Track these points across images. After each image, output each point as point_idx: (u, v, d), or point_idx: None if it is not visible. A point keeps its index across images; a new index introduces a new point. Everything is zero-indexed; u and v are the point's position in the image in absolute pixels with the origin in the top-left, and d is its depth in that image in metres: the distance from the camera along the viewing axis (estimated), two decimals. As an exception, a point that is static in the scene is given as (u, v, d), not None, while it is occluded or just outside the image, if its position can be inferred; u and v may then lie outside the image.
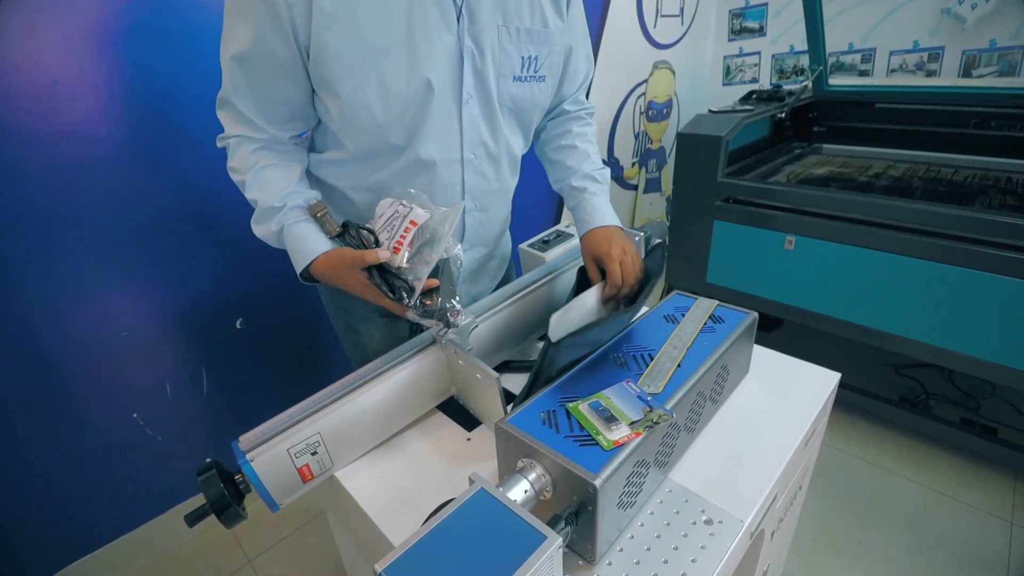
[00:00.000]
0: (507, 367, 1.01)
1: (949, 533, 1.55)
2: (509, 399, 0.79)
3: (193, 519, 0.70)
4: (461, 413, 0.89)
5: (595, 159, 1.05)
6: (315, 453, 0.74)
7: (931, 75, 2.49)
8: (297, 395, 0.76)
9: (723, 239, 1.89)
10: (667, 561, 0.62)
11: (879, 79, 2.59)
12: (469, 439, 0.84)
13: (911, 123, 2.16)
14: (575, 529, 0.59)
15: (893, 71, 2.58)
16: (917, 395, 2.01)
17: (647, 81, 2.77)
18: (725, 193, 1.84)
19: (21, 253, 1.18)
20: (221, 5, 0.75)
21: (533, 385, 0.75)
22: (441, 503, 0.57)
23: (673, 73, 2.90)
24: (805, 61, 2.79)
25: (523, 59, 0.86)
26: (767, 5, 2.83)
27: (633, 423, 0.63)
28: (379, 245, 0.80)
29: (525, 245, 1.20)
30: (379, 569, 0.48)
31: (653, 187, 3.09)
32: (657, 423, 0.63)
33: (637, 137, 2.86)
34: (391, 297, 0.76)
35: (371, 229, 0.82)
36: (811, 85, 2.21)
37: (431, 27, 0.76)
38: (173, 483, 1.55)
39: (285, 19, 0.71)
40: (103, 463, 1.42)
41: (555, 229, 1.25)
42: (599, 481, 0.56)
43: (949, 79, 2.42)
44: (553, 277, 1.04)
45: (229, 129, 0.83)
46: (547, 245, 1.18)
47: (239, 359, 1.59)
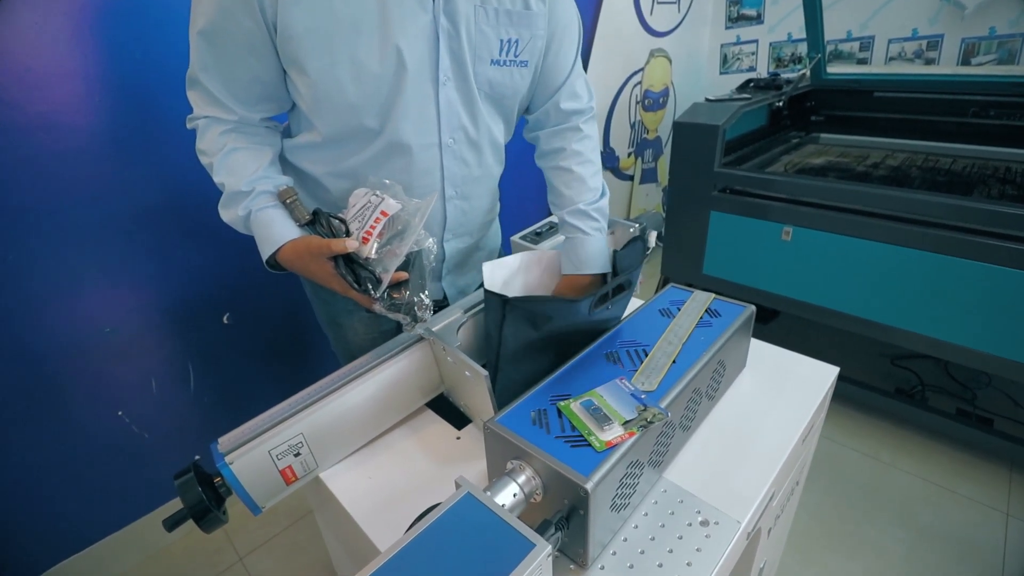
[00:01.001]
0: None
1: (945, 525, 1.55)
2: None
3: (171, 524, 0.67)
4: (450, 411, 0.86)
5: (593, 183, 0.96)
6: (298, 454, 0.71)
7: (930, 63, 2.46)
8: (287, 390, 0.74)
9: (720, 230, 1.86)
10: (662, 565, 0.60)
11: (877, 67, 2.56)
12: (459, 438, 0.82)
13: (909, 112, 2.13)
14: (566, 533, 0.57)
15: (892, 59, 2.55)
16: (913, 386, 2.00)
17: (643, 70, 2.73)
18: (722, 183, 1.81)
19: (-2, 247, 1.15)
20: (201, -15, 0.72)
21: (497, 358, 0.75)
22: (425, 508, 0.55)
23: (670, 61, 2.86)
24: (803, 49, 2.76)
25: (502, 42, 0.83)
26: (765, -8, 2.79)
27: (627, 423, 0.61)
28: (350, 235, 0.77)
29: (517, 237, 1.17)
30: (359, 581, 0.46)
31: (649, 177, 3.06)
32: (652, 423, 0.61)
33: (633, 127, 2.82)
34: (357, 288, 0.74)
35: (343, 218, 0.79)
36: (809, 73, 2.18)
37: (405, 3, 0.73)
38: (161, 481, 1.52)
39: None
40: (89, 462, 1.39)
41: (548, 221, 1.21)
42: (591, 484, 0.54)
43: (948, 67, 2.40)
44: (546, 270, 1.02)
45: (198, 110, 0.80)
46: (540, 237, 1.15)
47: (227, 355, 1.56)
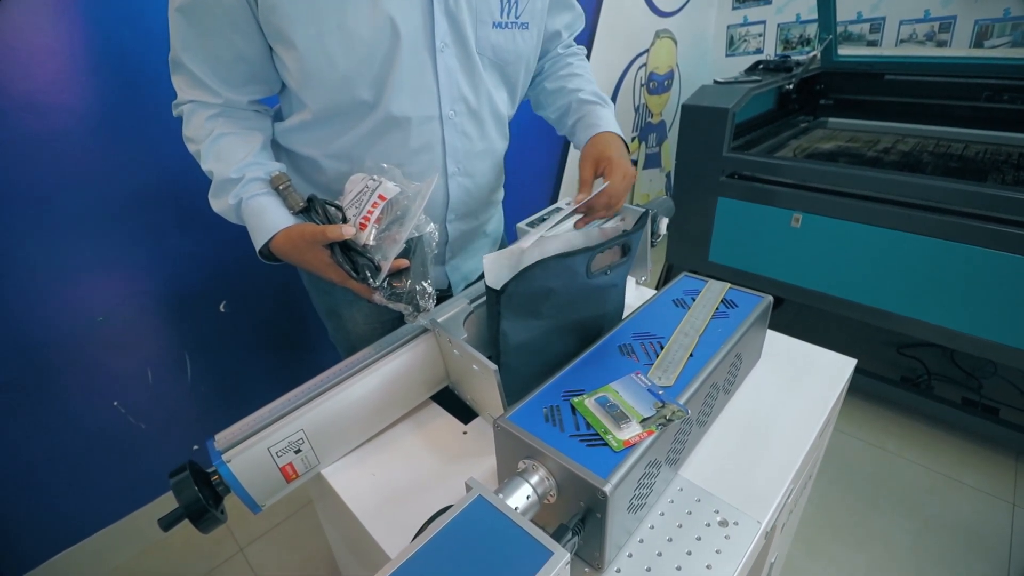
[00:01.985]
0: (505, 354, 0.95)
1: (951, 515, 1.54)
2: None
3: (167, 524, 0.64)
4: (457, 405, 0.83)
5: (591, 78, 1.00)
6: (299, 451, 0.68)
7: (942, 45, 2.40)
8: (285, 379, 0.71)
9: (727, 217, 1.82)
10: (680, 568, 0.58)
11: (888, 49, 2.50)
12: (465, 432, 0.79)
13: (921, 96, 2.09)
14: (582, 536, 0.55)
15: (902, 41, 2.49)
16: (919, 375, 1.98)
17: (648, 51, 2.66)
18: (730, 168, 1.77)
19: (-16, 233, 1.11)
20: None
21: (499, 353, 0.71)
22: (434, 513, 0.52)
23: (675, 43, 2.79)
24: (811, 31, 2.70)
25: (502, 2, 0.78)
26: (773, -29, 2.72)
27: (645, 420, 0.58)
28: (347, 222, 0.73)
29: (523, 224, 1.13)
30: (366, 591, 0.43)
31: (653, 163, 3.01)
32: (671, 420, 0.58)
33: (637, 110, 2.77)
34: (355, 277, 0.70)
35: (339, 205, 0.75)
36: (820, 55, 2.13)
37: None
38: (159, 472, 1.50)
39: None
40: (85, 453, 1.37)
41: (555, 207, 1.17)
42: (609, 487, 0.51)
43: (961, 49, 2.34)
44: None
45: (182, 94, 0.76)
46: (545, 223, 1.11)
47: (224, 343, 1.53)
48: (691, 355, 0.70)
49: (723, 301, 0.82)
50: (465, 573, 0.45)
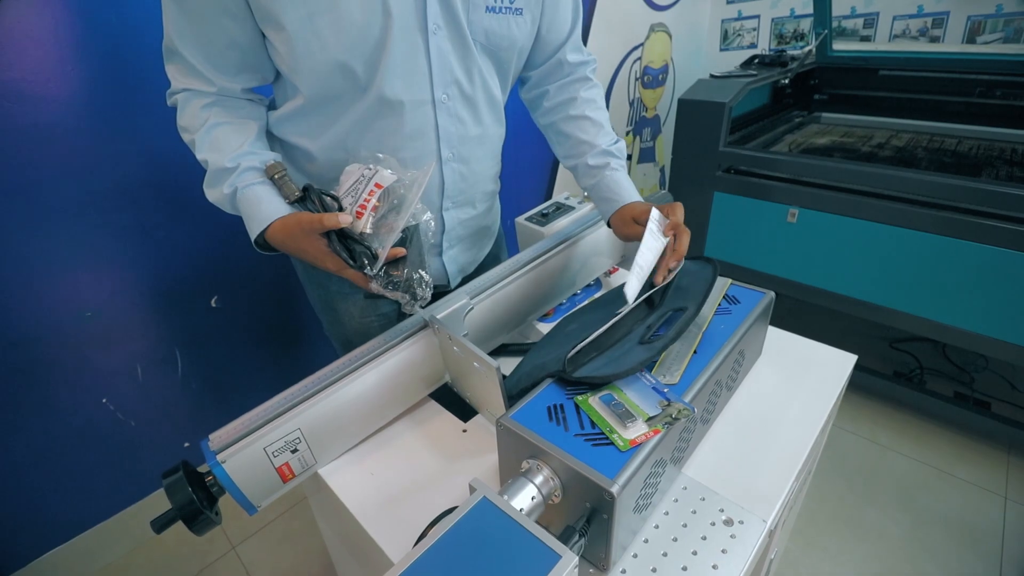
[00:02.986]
0: (504, 350, 0.94)
1: (944, 508, 1.55)
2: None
3: (160, 526, 0.63)
4: (456, 402, 0.82)
5: (609, 130, 0.97)
6: (295, 451, 0.67)
7: (935, 41, 2.41)
8: (278, 375, 0.69)
9: (723, 212, 1.82)
10: (686, 568, 0.57)
11: (883, 44, 2.50)
12: (465, 430, 0.78)
13: (915, 91, 2.09)
14: (587, 536, 0.54)
15: (896, 37, 2.49)
16: (912, 370, 2.00)
17: (643, 45, 2.65)
18: (727, 163, 1.76)
19: (-34, 227, 1.07)
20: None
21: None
22: (438, 515, 0.51)
23: (670, 37, 2.78)
24: (805, 26, 2.69)
25: None
26: (768, -35, 2.71)
27: (650, 419, 0.57)
28: (343, 210, 0.72)
29: (522, 219, 1.11)
30: (369, 598, 0.42)
31: (647, 157, 3.00)
32: (677, 419, 0.57)
33: (632, 104, 2.75)
34: (352, 265, 0.69)
35: (335, 195, 0.74)
36: (815, 50, 2.12)
37: None
38: (150, 469, 1.47)
39: None
40: (74, 450, 1.34)
41: (554, 201, 1.16)
42: (617, 488, 0.50)
43: (954, 45, 2.35)
44: (559, 251, 0.97)
45: (176, 83, 0.75)
46: (546, 219, 1.10)
47: (215, 339, 1.50)
48: (695, 352, 0.69)
49: (725, 297, 0.81)
50: (471, 577, 0.43)
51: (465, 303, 0.80)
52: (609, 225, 0.94)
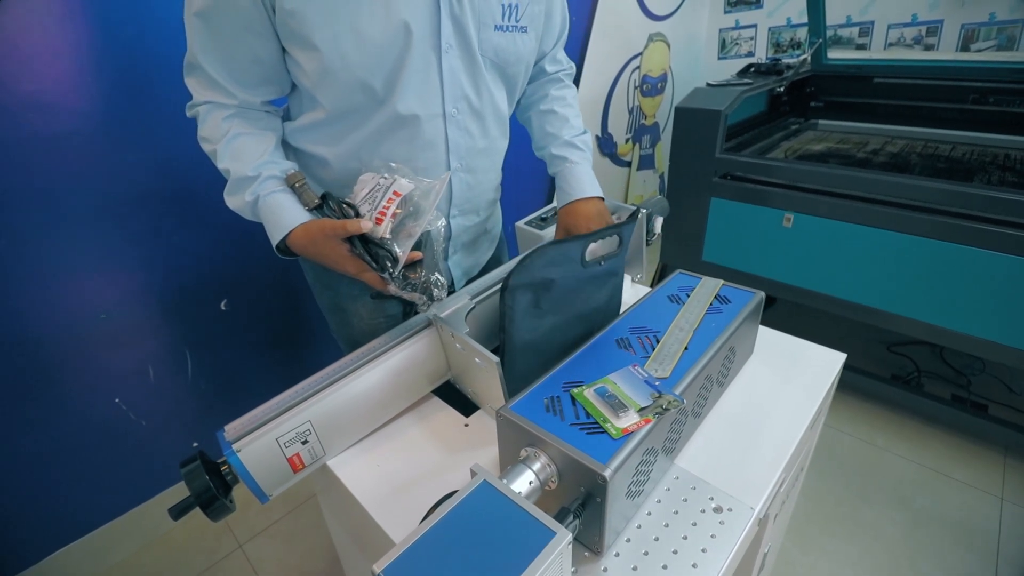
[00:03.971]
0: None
1: (941, 509, 1.57)
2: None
3: (178, 512, 0.66)
4: (458, 398, 0.85)
5: (575, 123, 1.05)
6: (306, 442, 0.70)
7: (929, 49, 2.45)
8: (285, 377, 0.73)
9: (720, 217, 1.85)
10: (677, 551, 0.60)
11: (877, 53, 2.54)
12: (467, 425, 0.81)
13: (909, 98, 2.13)
14: (581, 520, 0.57)
15: (891, 45, 2.54)
16: (909, 373, 2.02)
17: (642, 54, 2.70)
18: (723, 169, 1.80)
19: (-13, 232, 1.12)
20: (196, -37, 0.69)
21: (504, 351, 0.74)
22: (441, 497, 0.54)
23: (668, 46, 2.83)
24: (802, 34, 2.74)
25: (504, 7, 0.82)
26: (765, -25, 2.76)
27: (642, 410, 0.60)
28: (360, 217, 0.76)
29: (522, 223, 1.15)
30: (377, 570, 0.45)
31: (647, 164, 3.05)
32: (667, 409, 0.60)
33: (631, 112, 2.80)
34: (374, 268, 0.74)
35: (351, 203, 0.78)
36: (810, 58, 2.16)
37: None
38: (160, 468, 1.51)
39: None
40: (86, 450, 1.38)
41: (553, 206, 1.20)
42: (609, 472, 0.53)
43: (948, 53, 2.39)
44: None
45: (198, 96, 0.79)
46: (545, 223, 1.13)
47: (225, 341, 1.54)
48: (686, 348, 0.72)
49: (717, 297, 0.84)
50: (471, 553, 0.47)
51: (467, 303, 0.83)
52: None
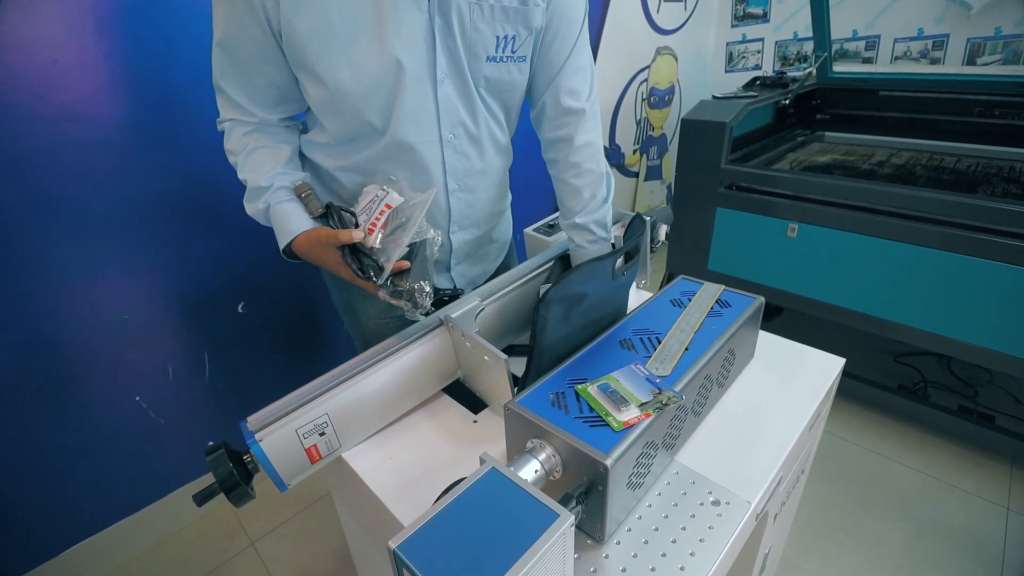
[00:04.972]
0: (511, 351, 1.00)
1: (946, 519, 1.57)
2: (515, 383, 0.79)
3: (202, 498, 0.70)
4: (467, 396, 0.89)
5: (588, 193, 0.96)
6: (323, 434, 0.74)
7: (935, 63, 2.47)
8: (299, 378, 0.76)
9: (725, 226, 1.88)
10: (675, 541, 0.63)
11: (883, 66, 2.57)
12: (475, 421, 0.85)
13: (915, 111, 2.15)
14: (584, 509, 0.60)
15: (897, 58, 2.57)
16: (916, 383, 2.02)
17: (649, 67, 2.75)
18: (728, 180, 1.83)
19: (21, 234, 1.17)
20: (224, -19, 0.75)
21: (531, 357, 0.75)
22: (451, 483, 0.58)
23: (676, 59, 2.88)
24: (809, 48, 2.77)
25: (498, 39, 0.84)
26: (772, -10, 2.80)
27: (643, 404, 0.64)
28: (359, 227, 0.82)
29: (530, 230, 1.19)
30: (392, 546, 0.48)
31: (654, 175, 3.08)
32: (667, 405, 0.64)
33: (639, 124, 2.84)
34: (361, 276, 0.80)
35: (353, 212, 0.85)
36: (815, 72, 2.20)
37: (400, 6, 0.76)
38: (175, 466, 1.55)
39: (257, 4, 0.73)
40: (105, 446, 1.42)
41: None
42: (610, 461, 0.56)
43: (953, 67, 2.41)
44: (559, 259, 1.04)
45: (224, 113, 0.86)
46: (552, 230, 1.17)
47: (241, 343, 1.59)
48: (686, 349, 0.75)
49: (718, 301, 0.87)
50: (480, 532, 0.50)
51: (477, 304, 0.87)
52: None
